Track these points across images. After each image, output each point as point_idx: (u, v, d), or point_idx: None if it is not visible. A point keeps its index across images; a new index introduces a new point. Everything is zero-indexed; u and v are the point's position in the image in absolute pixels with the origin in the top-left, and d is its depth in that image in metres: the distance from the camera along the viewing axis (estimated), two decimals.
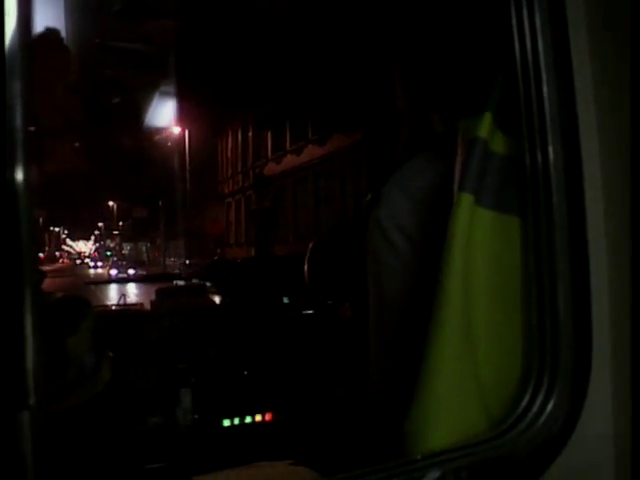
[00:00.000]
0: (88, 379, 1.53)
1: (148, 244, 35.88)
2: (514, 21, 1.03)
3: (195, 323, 2.30)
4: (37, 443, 0.68)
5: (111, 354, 1.69)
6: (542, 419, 0.98)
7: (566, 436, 0.98)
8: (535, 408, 0.99)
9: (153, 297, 2.56)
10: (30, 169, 0.69)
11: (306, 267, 1.92)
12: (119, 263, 28.38)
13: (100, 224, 35.78)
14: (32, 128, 0.72)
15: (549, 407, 0.98)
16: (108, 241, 39.24)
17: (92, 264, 35.05)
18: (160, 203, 25.35)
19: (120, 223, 35.25)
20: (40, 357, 0.69)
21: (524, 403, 1.00)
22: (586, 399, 1.00)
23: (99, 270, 31.00)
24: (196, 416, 2.26)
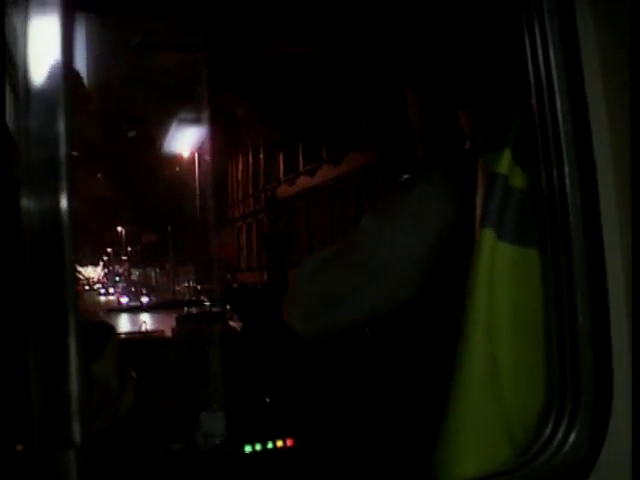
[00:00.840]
0: (112, 403, 1.56)
1: (157, 269, 35.72)
2: (529, 57, 1.06)
3: (216, 349, 2.32)
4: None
5: (135, 375, 1.71)
6: (565, 449, 0.99)
7: (589, 466, 0.99)
8: (558, 438, 1.00)
9: (173, 324, 2.59)
10: (74, 197, 0.70)
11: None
12: (129, 289, 27.69)
13: (109, 249, 35.55)
14: (75, 153, 0.74)
15: (572, 437, 1.00)
16: (117, 267, 39.17)
17: (103, 291, 33.35)
18: (169, 228, 25.24)
19: (129, 248, 35.11)
20: (85, 394, 0.70)
21: (547, 433, 1.01)
22: (608, 429, 1.01)
23: (110, 297, 29.51)
24: (218, 442, 2.27)
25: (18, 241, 0.70)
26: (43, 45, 0.71)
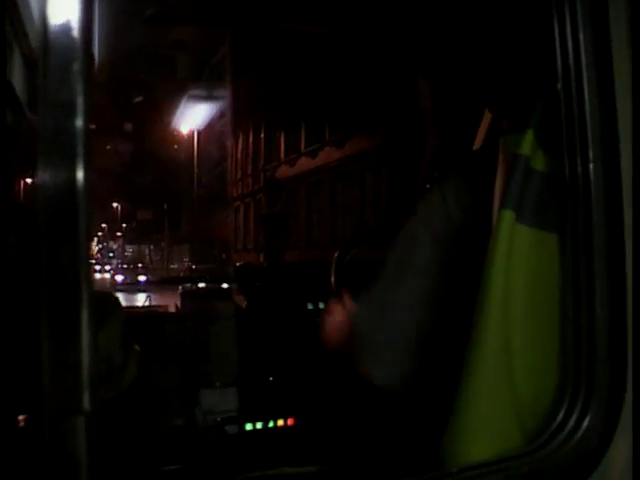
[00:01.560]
0: (116, 375, 1.56)
1: (151, 247, 35.53)
2: (557, 38, 1.03)
3: (220, 326, 2.33)
4: (91, 448, 0.70)
5: (138, 349, 1.71)
6: (578, 435, 0.99)
7: (602, 452, 0.99)
8: (571, 424, 0.99)
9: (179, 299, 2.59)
10: (90, 168, 0.69)
11: (333, 276, 1.94)
12: (123, 267, 27.15)
13: (103, 225, 35.23)
14: (93, 126, 0.73)
15: (585, 423, 0.99)
16: (111, 243, 38.93)
17: (98, 267, 31.71)
18: (165, 206, 24.99)
19: (124, 225, 34.80)
20: (95, 361, 0.70)
21: (559, 419, 1.00)
22: (621, 417, 1.01)
23: (106, 275, 28.11)
24: (218, 419, 2.28)
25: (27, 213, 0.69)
26: (61, 11, 0.69)
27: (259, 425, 2.27)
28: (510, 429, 1.04)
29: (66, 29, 0.69)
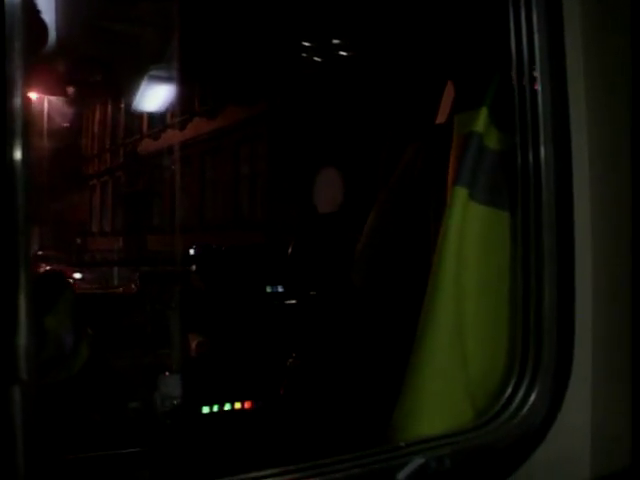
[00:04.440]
0: (66, 357, 1.53)
1: None
2: (512, 20, 1.04)
3: (178, 309, 2.31)
4: (27, 417, 0.68)
5: (90, 332, 1.68)
6: (524, 410, 1.00)
7: (547, 426, 1.01)
8: (518, 399, 1.01)
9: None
10: (28, 149, 0.67)
11: (289, 259, 1.96)
12: None
13: None
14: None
15: (531, 398, 1.01)
16: None
17: None
18: None
19: None
20: (32, 333, 0.69)
21: (507, 394, 1.02)
22: (567, 392, 1.03)
23: None
24: (175, 402, 2.26)
25: None
26: None
27: (216, 408, 2.26)
28: (461, 404, 1.05)
29: (6, 7, 0.66)
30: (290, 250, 1.92)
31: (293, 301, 2.36)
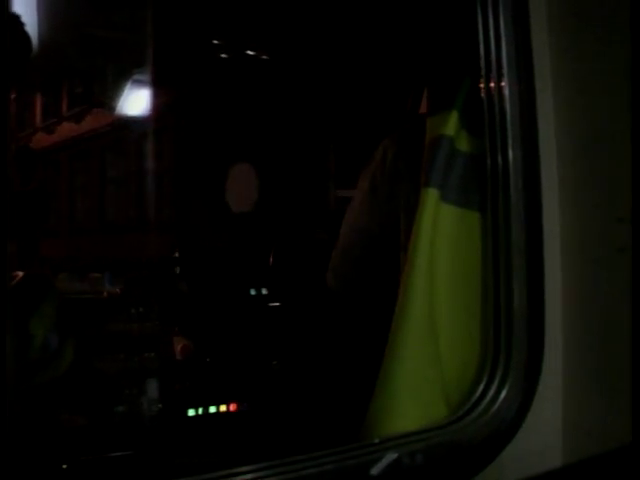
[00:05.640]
0: (51, 360, 1.54)
1: None
2: (480, 25, 1.07)
3: (163, 312, 2.31)
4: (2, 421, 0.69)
5: (74, 336, 1.69)
6: (495, 406, 1.03)
7: (518, 422, 1.03)
8: (489, 396, 1.04)
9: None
10: (7, 156, 0.68)
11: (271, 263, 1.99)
12: None
13: None
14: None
15: (502, 395, 1.03)
16: None
17: None
18: None
19: None
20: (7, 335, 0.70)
21: (479, 391, 1.05)
22: (537, 388, 1.05)
23: None
24: (161, 405, 2.27)
25: None
26: None
27: (201, 411, 2.27)
28: (435, 403, 1.07)
29: None
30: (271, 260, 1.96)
31: (277, 304, 2.37)
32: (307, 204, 3.13)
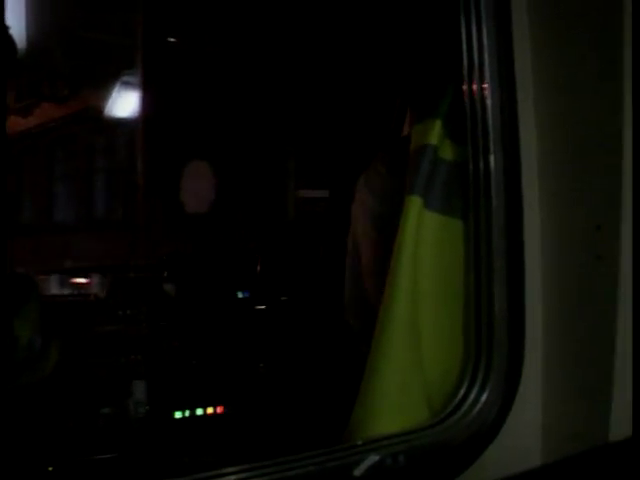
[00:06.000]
0: (36, 361, 1.54)
1: None
2: (463, 34, 1.09)
3: (149, 314, 2.32)
4: None
5: (59, 337, 1.69)
6: (477, 409, 1.05)
7: (499, 424, 1.05)
8: (470, 399, 1.06)
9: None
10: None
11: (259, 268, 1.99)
12: None
13: None
14: None
15: (483, 398, 1.05)
16: None
17: None
18: None
19: None
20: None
21: (461, 394, 1.07)
22: (518, 391, 1.07)
23: None
24: (148, 407, 2.28)
25: None
26: None
27: (188, 413, 2.28)
28: (418, 405, 1.09)
29: None
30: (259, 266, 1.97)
31: (263, 306, 2.39)
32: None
